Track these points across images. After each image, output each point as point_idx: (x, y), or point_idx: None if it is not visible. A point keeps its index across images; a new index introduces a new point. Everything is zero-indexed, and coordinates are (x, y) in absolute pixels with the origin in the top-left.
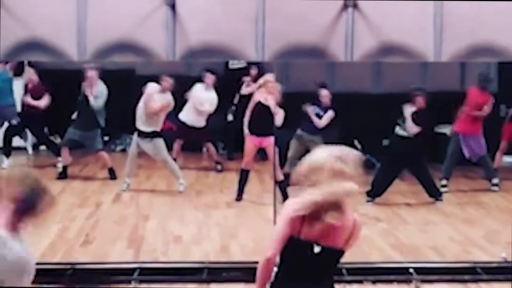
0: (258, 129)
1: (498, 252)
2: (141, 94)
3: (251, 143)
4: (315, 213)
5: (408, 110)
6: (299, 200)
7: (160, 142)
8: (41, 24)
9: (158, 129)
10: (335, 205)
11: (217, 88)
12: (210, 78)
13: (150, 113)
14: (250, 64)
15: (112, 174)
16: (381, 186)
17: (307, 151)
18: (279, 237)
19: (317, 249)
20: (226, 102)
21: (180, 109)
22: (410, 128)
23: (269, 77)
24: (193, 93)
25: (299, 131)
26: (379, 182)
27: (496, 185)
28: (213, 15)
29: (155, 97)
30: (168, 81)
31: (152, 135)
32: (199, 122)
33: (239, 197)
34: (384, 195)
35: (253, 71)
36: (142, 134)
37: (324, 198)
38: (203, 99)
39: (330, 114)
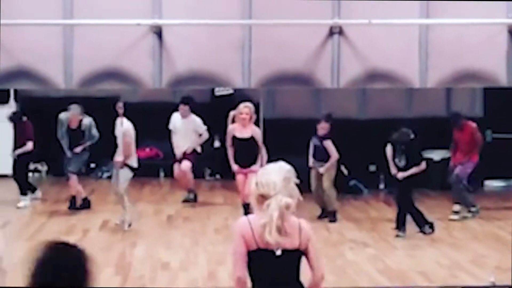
0: (241, 161)
1: (485, 276)
2: None
3: (240, 175)
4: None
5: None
6: (245, 221)
7: (123, 173)
8: (27, 53)
9: (126, 159)
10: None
11: (203, 115)
12: (182, 108)
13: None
14: (236, 91)
15: (73, 204)
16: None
17: None
18: (238, 256)
19: (278, 252)
20: (213, 128)
21: (167, 136)
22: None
23: (241, 108)
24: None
25: (311, 162)
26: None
27: (458, 212)
28: (199, 43)
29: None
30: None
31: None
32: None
33: None
34: (372, 220)
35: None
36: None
37: (265, 222)
38: (177, 128)
39: (326, 143)
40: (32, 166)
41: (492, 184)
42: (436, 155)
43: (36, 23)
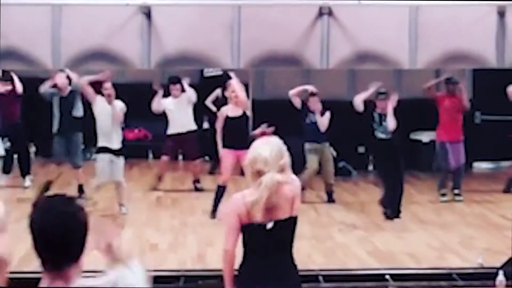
0: (233, 142)
1: (474, 258)
2: None
3: (227, 158)
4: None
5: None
6: (239, 197)
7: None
8: (15, 33)
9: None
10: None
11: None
12: (174, 89)
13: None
14: (225, 71)
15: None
16: (394, 201)
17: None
18: (229, 230)
19: (269, 225)
20: (202, 109)
21: (155, 116)
22: (391, 124)
23: (231, 87)
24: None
25: (308, 145)
26: (391, 198)
27: (460, 194)
28: (189, 24)
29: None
30: (110, 90)
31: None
32: (188, 125)
33: (213, 215)
34: (360, 203)
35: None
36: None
37: (254, 200)
38: (172, 109)
39: (327, 114)
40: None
41: (481, 166)
42: (425, 136)
43: (24, 3)
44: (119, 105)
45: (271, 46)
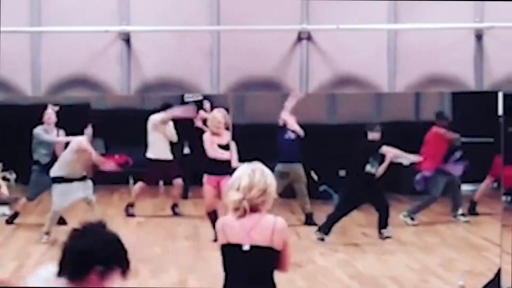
0: (218, 169)
1: (455, 280)
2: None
3: (208, 184)
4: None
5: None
6: (220, 220)
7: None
8: None
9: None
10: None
11: (173, 121)
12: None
13: None
14: (205, 97)
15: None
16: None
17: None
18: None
19: (246, 247)
20: (182, 135)
21: (136, 143)
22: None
23: (217, 115)
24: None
25: (280, 166)
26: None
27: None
28: (168, 49)
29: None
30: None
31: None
32: (168, 154)
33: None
34: (341, 225)
35: (207, 105)
36: None
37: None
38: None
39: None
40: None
41: (462, 188)
42: (406, 159)
43: (3, 30)
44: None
45: (251, 71)
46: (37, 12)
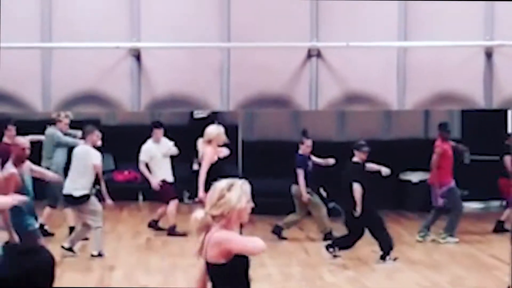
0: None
1: None
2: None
3: None
4: None
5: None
6: None
7: None
8: (5, 76)
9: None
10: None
11: (182, 137)
12: (158, 133)
13: None
14: (214, 113)
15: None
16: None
17: None
18: None
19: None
20: (191, 151)
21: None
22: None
23: (214, 131)
24: (148, 155)
25: (311, 191)
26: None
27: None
28: (178, 66)
29: None
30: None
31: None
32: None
33: None
34: None
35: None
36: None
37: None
38: (155, 155)
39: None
40: None
41: (470, 206)
42: (414, 177)
43: (14, 46)
44: None
45: (260, 88)
46: (48, 28)
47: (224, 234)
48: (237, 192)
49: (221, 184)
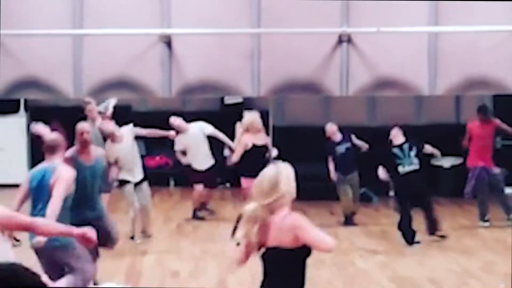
0: (255, 171)
1: (496, 283)
2: None
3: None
4: None
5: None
6: None
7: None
8: (37, 62)
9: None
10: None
11: (213, 123)
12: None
13: None
14: (245, 99)
15: None
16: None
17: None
18: None
19: (261, 250)
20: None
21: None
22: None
23: (251, 118)
24: (181, 146)
25: (341, 176)
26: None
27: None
28: (209, 52)
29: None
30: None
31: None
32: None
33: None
34: (381, 229)
35: None
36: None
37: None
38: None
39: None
40: None
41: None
42: (446, 162)
43: (46, 33)
44: None
45: (291, 74)
46: (79, 14)
47: (301, 222)
48: (285, 177)
49: (269, 172)
